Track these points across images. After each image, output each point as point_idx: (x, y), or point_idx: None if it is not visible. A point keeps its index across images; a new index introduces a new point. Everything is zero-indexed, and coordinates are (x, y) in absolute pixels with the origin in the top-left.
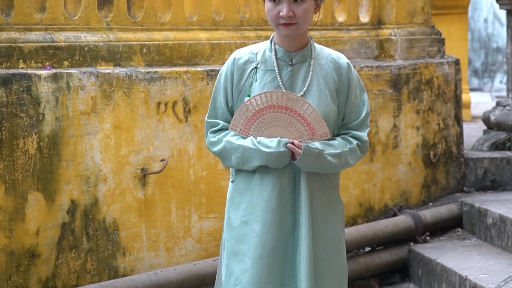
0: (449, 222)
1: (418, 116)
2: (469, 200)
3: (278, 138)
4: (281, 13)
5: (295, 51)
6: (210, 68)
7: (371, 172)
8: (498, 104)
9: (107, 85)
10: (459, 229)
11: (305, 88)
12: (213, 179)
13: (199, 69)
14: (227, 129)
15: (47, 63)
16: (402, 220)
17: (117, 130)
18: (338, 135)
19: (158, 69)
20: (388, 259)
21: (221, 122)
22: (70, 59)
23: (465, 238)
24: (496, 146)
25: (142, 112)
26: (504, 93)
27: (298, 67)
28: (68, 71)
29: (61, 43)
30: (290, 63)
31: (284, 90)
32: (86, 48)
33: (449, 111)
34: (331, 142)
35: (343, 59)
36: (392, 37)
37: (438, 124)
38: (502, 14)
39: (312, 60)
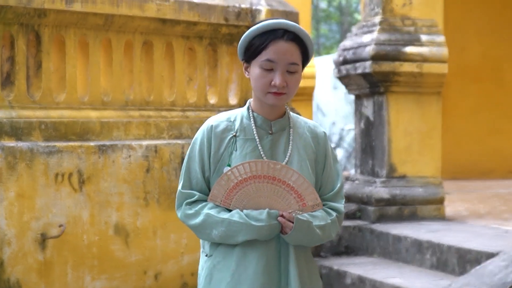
0: None
1: None
2: (327, 263)
3: (267, 210)
4: (273, 82)
5: (274, 119)
6: (101, 143)
7: None
8: (347, 179)
9: (11, 158)
10: None
11: (286, 159)
12: (104, 243)
13: (91, 144)
14: (203, 200)
15: None
16: None
17: (20, 198)
18: None
19: (56, 143)
20: None
21: (197, 193)
22: None
23: None
24: (348, 216)
25: (42, 182)
26: None
27: (277, 136)
28: None
29: None
30: (270, 131)
31: (267, 160)
32: None
33: None
34: (315, 213)
35: (320, 128)
36: None
37: None
38: (324, 104)
39: (291, 129)
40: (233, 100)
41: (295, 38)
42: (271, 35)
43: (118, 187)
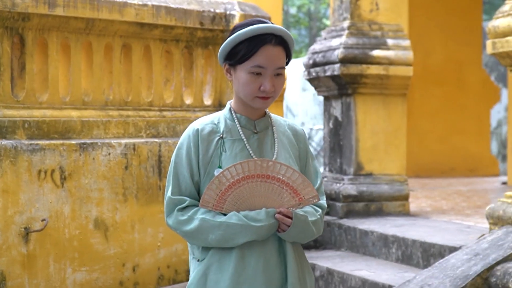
0: None
1: None
2: None
3: (264, 209)
4: (262, 87)
5: (257, 119)
6: (82, 142)
7: None
8: None
9: None
10: None
11: (274, 156)
12: (85, 237)
13: (73, 142)
14: (194, 205)
15: None
16: None
17: (5, 194)
18: None
19: (39, 142)
20: None
21: (187, 199)
22: None
23: None
24: None
25: (25, 179)
26: None
27: (263, 134)
28: None
29: None
30: (254, 131)
31: (257, 158)
32: None
33: None
34: (305, 209)
35: (298, 126)
36: None
37: None
38: (293, 105)
39: (274, 127)
40: (207, 101)
41: (282, 41)
42: (259, 40)
43: (98, 183)
